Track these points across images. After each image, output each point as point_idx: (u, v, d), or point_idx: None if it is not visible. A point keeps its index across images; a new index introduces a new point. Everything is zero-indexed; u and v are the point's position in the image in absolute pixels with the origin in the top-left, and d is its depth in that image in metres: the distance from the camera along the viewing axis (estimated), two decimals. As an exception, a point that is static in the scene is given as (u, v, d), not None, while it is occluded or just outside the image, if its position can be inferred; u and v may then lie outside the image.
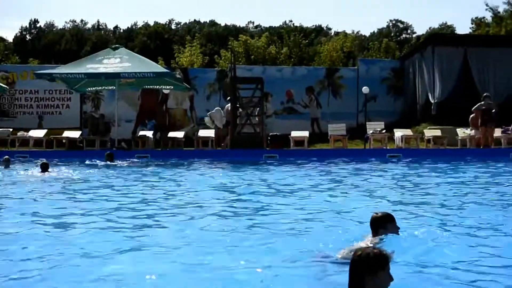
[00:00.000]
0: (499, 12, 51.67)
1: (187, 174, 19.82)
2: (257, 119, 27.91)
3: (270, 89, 32.52)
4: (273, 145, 28.56)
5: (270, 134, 29.77)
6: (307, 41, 57.62)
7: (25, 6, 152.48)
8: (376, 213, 7.59)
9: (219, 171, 21.28)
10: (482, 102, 27.53)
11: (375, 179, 17.88)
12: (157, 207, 12.17)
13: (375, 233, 7.46)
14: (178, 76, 31.63)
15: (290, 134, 29.64)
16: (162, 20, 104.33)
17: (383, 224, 7.43)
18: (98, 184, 16.50)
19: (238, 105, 27.95)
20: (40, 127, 33.30)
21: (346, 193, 14.38)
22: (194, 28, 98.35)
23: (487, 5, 53.24)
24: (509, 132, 28.27)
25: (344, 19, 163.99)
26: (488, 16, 55.46)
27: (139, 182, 16.99)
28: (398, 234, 7.53)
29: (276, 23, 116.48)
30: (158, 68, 29.36)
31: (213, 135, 29.83)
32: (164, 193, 14.37)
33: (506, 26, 48.34)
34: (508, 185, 15.69)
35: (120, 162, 22.97)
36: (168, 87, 30.76)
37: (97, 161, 23.21)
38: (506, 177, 17.98)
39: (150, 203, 12.67)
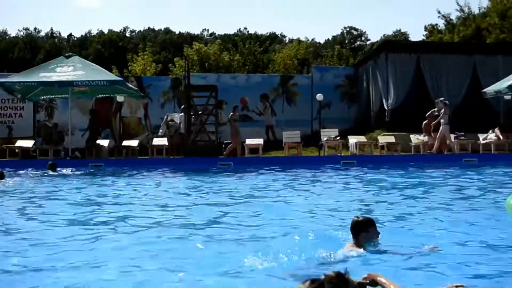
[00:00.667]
0: (451, 19, 52.27)
1: (138, 183, 19.62)
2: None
3: (224, 97, 32.45)
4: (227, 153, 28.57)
5: (225, 142, 29.84)
6: (261, 48, 57.71)
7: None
8: (358, 217, 7.76)
9: (172, 179, 21.20)
10: (435, 109, 27.84)
11: (329, 185, 18.00)
12: (107, 215, 12.09)
13: (356, 237, 7.59)
14: (131, 85, 31.26)
15: (244, 142, 29.62)
16: (117, 28, 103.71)
17: (364, 228, 7.59)
18: (40, 194, 16.21)
19: (192, 113, 27.93)
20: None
21: (300, 200, 14.39)
22: (148, 36, 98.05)
23: (439, 12, 53.95)
24: (462, 137, 28.63)
25: (299, 26, 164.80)
26: (441, 23, 56.08)
27: (83, 191, 16.69)
28: (378, 238, 7.64)
29: (231, 30, 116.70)
30: (111, 76, 29.06)
31: (167, 143, 29.69)
32: (113, 202, 14.21)
33: (458, 33, 48.85)
34: (461, 189, 15.99)
35: (65, 171, 22.65)
36: (122, 95, 30.52)
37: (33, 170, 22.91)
38: (458, 181, 18.23)
39: (98, 212, 12.56)
